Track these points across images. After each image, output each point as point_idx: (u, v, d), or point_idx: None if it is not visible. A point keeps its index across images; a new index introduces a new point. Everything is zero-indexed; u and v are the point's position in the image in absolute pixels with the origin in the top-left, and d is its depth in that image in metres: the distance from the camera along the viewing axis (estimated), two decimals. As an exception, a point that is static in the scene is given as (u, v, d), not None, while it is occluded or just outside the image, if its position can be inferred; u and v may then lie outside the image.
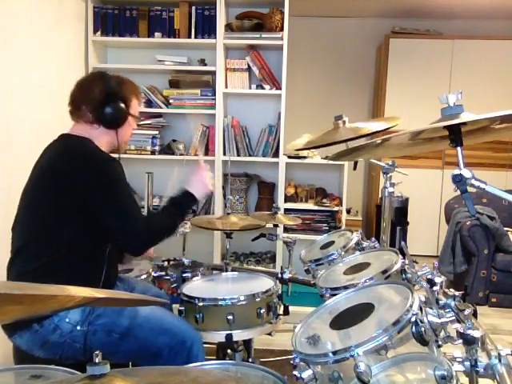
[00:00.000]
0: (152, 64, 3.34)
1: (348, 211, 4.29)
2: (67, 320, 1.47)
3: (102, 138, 1.63)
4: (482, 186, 0.97)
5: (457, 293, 1.06)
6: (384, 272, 1.30)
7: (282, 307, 1.83)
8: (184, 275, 2.07)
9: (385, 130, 1.64)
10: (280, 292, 1.85)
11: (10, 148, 2.35)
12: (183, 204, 1.71)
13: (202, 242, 3.24)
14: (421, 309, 0.93)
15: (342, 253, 1.70)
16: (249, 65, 3.33)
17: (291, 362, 0.98)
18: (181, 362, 1.52)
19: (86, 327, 1.49)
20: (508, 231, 3.76)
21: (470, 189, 0.99)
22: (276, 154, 3.36)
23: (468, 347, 0.91)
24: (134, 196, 1.68)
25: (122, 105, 1.63)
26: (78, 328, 1.48)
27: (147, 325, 1.54)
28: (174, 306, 1.86)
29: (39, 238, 1.53)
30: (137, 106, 1.73)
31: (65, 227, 1.52)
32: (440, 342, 0.95)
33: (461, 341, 0.92)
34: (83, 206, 1.51)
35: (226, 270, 2.15)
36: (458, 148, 1.01)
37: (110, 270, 1.63)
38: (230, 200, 3.44)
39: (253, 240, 2.38)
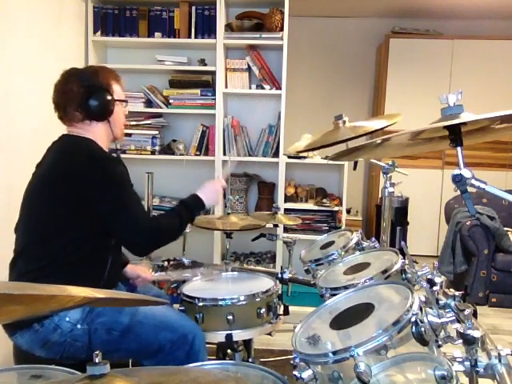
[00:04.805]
0: (152, 64, 3.33)
1: (348, 211, 4.29)
2: (67, 319, 1.47)
3: (99, 133, 1.62)
4: (482, 186, 0.97)
5: (457, 293, 1.06)
6: (384, 272, 1.30)
7: (282, 307, 1.83)
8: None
9: (386, 127, 1.63)
10: (280, 292, 1.85)
11: (10, 148, 2.35)
12: (193, 208, 1.72)
13: (202, 242, 3.24)
14: (421, 309, 0.93)
15: (342, 253, 1.69)
16: (249, 65, 3.33)
17: (291, 362, 0.98)
18: (183, 356, 1.52)
19: (87, 326, 1.49)
20: (508, 231, 3.76)
21: (470, 189, 0.99)
22: (276, 154, 3.36)
23: (468, 347, 0.91)
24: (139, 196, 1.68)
25: (105, 93, 1.61)
26: (79, 327, 1.48)
27: (148, 321, 1.54)
28: (174, 306, 1.86)
29: (42, 239, 1.53)
30: (120, 90, 1.69)
31: (68, 228, 1.52)
32: (440, 342, 0.95)
33: (461, 341, 0.92)
34: (87, 207, 1.50)
35: (226, 270, 2.15)
36: (458, 148, 1.01)
37: (113, 270, 1.62)
38: (230, 200, 3.44)
39: (253, 240, 2.38)
